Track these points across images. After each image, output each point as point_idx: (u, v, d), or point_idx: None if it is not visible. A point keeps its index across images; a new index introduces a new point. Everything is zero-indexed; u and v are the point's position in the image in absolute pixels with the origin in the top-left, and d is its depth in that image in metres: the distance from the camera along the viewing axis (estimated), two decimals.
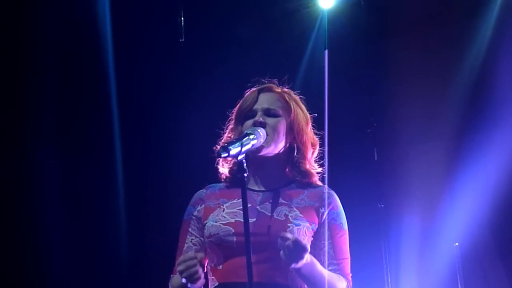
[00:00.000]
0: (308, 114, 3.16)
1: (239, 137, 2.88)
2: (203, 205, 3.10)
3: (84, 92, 5.68)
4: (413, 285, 5.32)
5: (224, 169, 3.14)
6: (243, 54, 5.75)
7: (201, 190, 3.15)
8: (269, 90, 3.14)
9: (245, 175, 2.78)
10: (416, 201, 5.43)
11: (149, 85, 5.80)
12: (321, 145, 3.16)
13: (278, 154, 3.06)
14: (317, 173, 3.14)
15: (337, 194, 3.10)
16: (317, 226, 3.02)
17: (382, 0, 5.61)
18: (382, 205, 5.39)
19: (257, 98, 3.12)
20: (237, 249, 2.91)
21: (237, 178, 2.94)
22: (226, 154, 2.77)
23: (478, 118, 5.32)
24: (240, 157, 2.79)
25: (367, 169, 5.48)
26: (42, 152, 5.59)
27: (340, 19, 5.46)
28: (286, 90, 3.19)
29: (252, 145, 2.90)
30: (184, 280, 2.84)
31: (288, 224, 2.95)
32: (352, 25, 5.56)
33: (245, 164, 2.78)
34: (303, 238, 2.93)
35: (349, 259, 3.07)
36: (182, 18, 5.84)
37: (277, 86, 3.18)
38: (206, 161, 3.15)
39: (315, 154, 3.15)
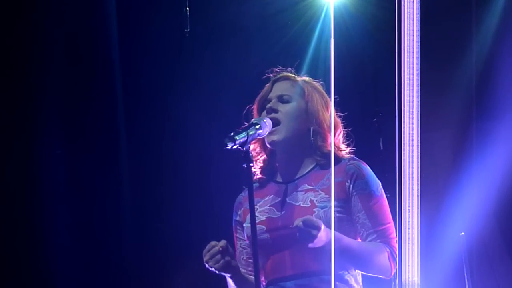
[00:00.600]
0: (328, 98, 3.14)
1: (245, 127, 2.89)
2: (242, 208, 3.15)
3: (90, 84, 5.67)
4: (418, 274, 5.31)
5: (256, 169, 3.13)
6: (248, 44, 5.73)
7: (240, 194, 3.18)
8: (284, 78, 3.16)
9: (251, 165, 2.78)
10: (422, 191, 5.41)
11: (155, 76, 5.78)
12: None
13: (297, 139, 3.06)
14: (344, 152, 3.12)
15: None
16: (346, 201, 2.99)
17: None
18: (388, 195, 5.36)
19: (272, 87, 3.13)
20: (273, 245, 2.94)
21: (267, 175, 2.95)
22: (232, 144, 2.77)
23: (485, 106, 5.30)
24: (246, 147, 2.79)
25: (372, 158, 5.46)
26: (47, 144, 5.59)
27: (346, 7, 5.43)
28: (303, 77, 3.18)
29: (258, 135, 2.91)
30: (214, 270, 2.86)
31: (314, 209, 2.95)
32: (359, 14, 5.53)
33: (251, 154, 2.78)
34: (334, 219, 2.90)
35: (392, 224, 3.05)
36: (188, 8, 5.82)
37: (293, 73, 3.18)
38: (214, 156, 3.15)
39: (340, 136, 3.12)
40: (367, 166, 3.10)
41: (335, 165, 3.04)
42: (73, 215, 5.55)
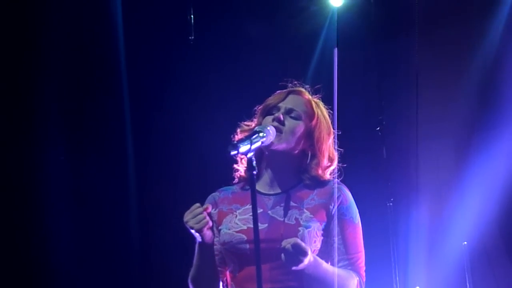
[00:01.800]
0: (332, 128, 3.15)
1: (249, 135, 2.89)
2: (216, 209, 3.09)
3: (95, 90, 5.69)
4: (421, 283, 5.31)
5: (240, 167, 3.14)
6: (253, 52, 5.75)
7: (214, 193, 3.14)
8: (299, 93, 3.14)
9: (254, 172, 2.78)
10: (425, 200, 5.42)
11: (160, 83, 5.80)
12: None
13: (291, 157, 3.05)
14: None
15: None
16: (327, 224, 3.01)
17: None
18: (391, 204, 5.38)
19: (285, 97, 3.12)
20: (251, 257, 2.90)
21: (250, 178, 2.93)
22: (236, 152, 2.77)
23: (488, 116, 5.30)
24: (249, 155, 2.79)
25: (376, 167, 5.47)
26: (52, 148, 5.60)
27: (350, 17, 5.45)
28: (316, 99, 3.18)
29: (262, 143, 2.91)
30: (193, 232, 2.85)
31: (299, 228, 2.94)
32: (362, 23, 5.55)
33: (254, 162, 2.79)
34: (314, 240, 2.94)
35: (362, 253, 3.04)
36: (192, 16, 5.84)
37: (309, 92, 3.18)
38: (216, 160, 3.15)
39: (332, 168, 3.13)
40: (349, 192, 3.11)
41: (320, 187, 3.06)
42: (78, 221, 5.56)
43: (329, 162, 3.10)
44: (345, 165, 3.15)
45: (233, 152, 2.77)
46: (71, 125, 5.67)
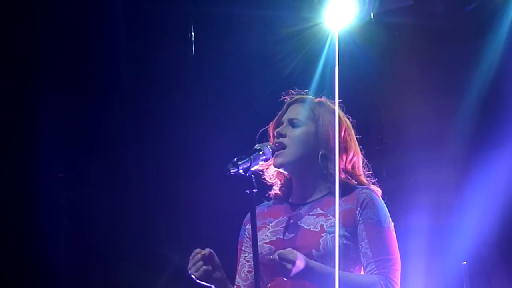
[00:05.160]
0: (346, 120, 3.13)
1: (249, 153, 2.90)
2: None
3: (95, 106, 5.70)
4: None
5: (275, 186, 3.17)
6: (253, 70, 5.76)
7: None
8: (298, 101, 3.16)
9: (254, 191, 2.79)
10: (424, 218, 5.41)
11: (160, 99, 5.81)
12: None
13: (307, 164, 3.06)
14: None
15: None
16: (353, 229, 2.98)
17: (394, 18, 5.61)
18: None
19: (286, 110, 3.14)
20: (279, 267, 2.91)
21: (284, 194, 2.95)
22: (235, 170, 2.79)
23: (488, 135, 5.31)
24: (249, 173, 2.81)
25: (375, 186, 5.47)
26: (50, 165, 5.60)
27: (351, 36, 5.46)
28: (320, 99, 3.18)
29: (262, 160, 2.92)
30: (194, 278, 2.86)
31: (322, 234, 2.95)
32: (363, 43, 5.56)
33: (254, 180, 2.80)
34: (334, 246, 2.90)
35: (394, 256, 2.99)
36: (193, 33, 5.87)
37: (310, 96, 3.18)
38: (222, 178, 3.16)
39: (354, 160, 3.10)
40: (380, 197, 3.08)
41: (348, 193, 3.03)
42: (74, 232, 5.57)
43: (344, 155, 3.06)
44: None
45: (232, 170, 2.79)
46: (70, 141, 5.67)
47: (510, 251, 5.25)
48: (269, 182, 3.16)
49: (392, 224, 3.05)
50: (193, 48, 5.88)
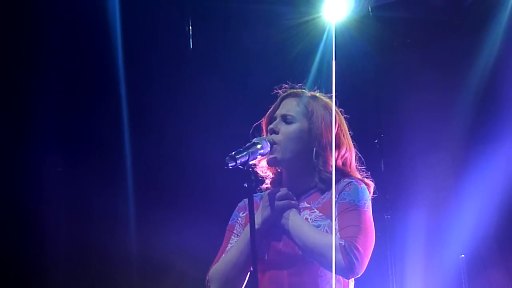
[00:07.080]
0: (338, 116, 3.12)
1: (246, 146, 2.90)
2: (245, 213, 3.13)
3: (95, 102, 5.70)
4: None
5: (266, 179, 3.18)
6: (250, 64, 5.76)
7: (245, 198, 3.15)
8: (292, 95, 3.14)
9: (253, 185, 2.80)
10: (422, 213, 5.42)
11: (158, 92, 5.81)
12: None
13: (299, 160, 3.05)
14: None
15: None
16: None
17: (391, 12, 5.61)
18: (389, 216, 5.38)
19: (279, 105, 3.13)
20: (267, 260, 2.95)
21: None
22: (233, 163, 2.79)
23: (485, 130, 5.31)
24: (247, 166, 2.81)
25: (373, 180, 5.47)
26: (49, 159, 5.60)
27: (348, 29, 5.46)
28: (313, 93, 3.16)
29: (259, 154, 2.92)
30: None
31: None
32: (361, 37, 5.55)
33: (252, 173, 2.80)
34: None
35: (362, 226, 2.92)
36: (190, 27, 5.87)
37: (303, 90, 3.16)
38: (219, 173, 3.16)
39: (346, 156, 3.08)
40: (363, 186, 3.05)
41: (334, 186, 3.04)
42: (74, 227, 5.57)
43: (336, 151, 3.06)
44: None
45: (230, 164, 2.79)
46: (69, 137, 5.67)
47: (508, 244, 5.25)
48: (260, 175, 3.15)
49: (369, 206, 3.01)
50: (191, 42, 5.88)
